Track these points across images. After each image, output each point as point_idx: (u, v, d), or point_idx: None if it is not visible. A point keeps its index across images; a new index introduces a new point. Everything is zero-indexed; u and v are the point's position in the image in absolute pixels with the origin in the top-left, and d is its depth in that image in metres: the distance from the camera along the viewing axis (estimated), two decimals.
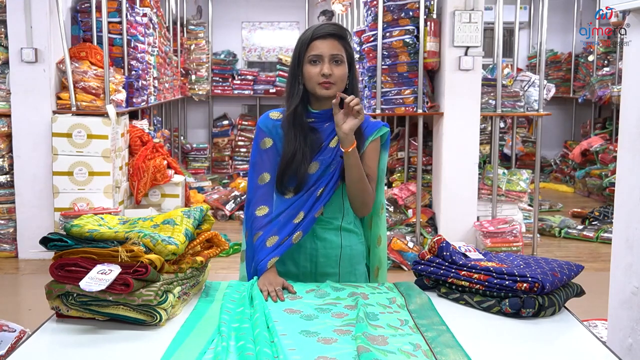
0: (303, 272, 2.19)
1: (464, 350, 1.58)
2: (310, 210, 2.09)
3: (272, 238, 2.09)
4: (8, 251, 5.61)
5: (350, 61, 2.12)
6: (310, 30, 2.10)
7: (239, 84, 10.59)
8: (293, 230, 2.09)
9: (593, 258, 5.80)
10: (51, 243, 1.78)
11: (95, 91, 5.50)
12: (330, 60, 2.07)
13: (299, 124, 2.11)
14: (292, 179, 2.11)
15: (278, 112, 2.20)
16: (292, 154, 2.09)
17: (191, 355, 1.54)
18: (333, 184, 2.11)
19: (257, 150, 2.18)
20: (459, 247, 2.05)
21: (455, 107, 5.60)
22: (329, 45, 2.07)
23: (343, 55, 2.08)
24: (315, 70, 2.07)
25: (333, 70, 2.06)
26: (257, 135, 2.19)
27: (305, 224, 2.10)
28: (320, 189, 2.10)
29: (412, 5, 5.53)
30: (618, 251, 2.74)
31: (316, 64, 2.07)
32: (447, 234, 4.50)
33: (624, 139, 2.71)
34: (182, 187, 6.15)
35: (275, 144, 2.16)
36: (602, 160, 8.53)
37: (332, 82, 2.07)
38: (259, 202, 2.13)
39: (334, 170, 2.11)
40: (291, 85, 2.13)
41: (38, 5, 5.31)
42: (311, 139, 2.12)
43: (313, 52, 2.07)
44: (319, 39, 2.07)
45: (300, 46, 2.10)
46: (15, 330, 3.05)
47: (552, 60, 10.23)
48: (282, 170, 2.12)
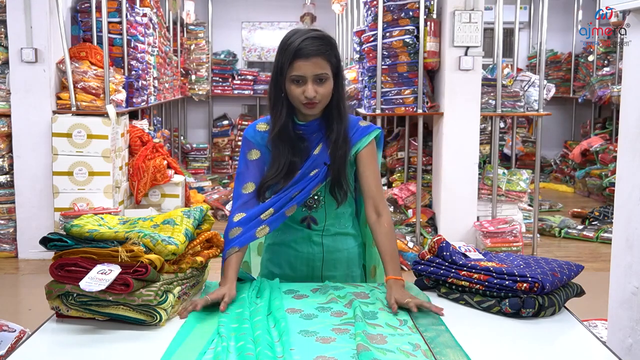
0: (300, 276, 2.18)
1: (463, 350, 1.58)
2: (280, 208, 2.05)
3: (235, 229, 2.04)
4: (8, 251, 5.61)
5: (337, 70, 2.04)
6: (293, 46, 1.96)
7: (239, 84, 10.60)
8: (258, 224, 2.04)
9: (593, 258, 5.80)
10: (51, 243, 1.78)
11: (95, 91, 5.50)
12: (314, 80, 1.98)
13: (286, 138, 2.06)
14: (272, 189, 2.08)
15: (265, 123, 2.14)
16: (281, 169, 2.06)
17: (191, 355, 1.54)
18: (311, 188, 2.07)
19: (244, 161, 2.13)
20: (459, 247, 2.05)
21: (455, 107, 5.60)
22: (312, 66, 1.96)
23: (327, 72, 2.00)
24: (298, 91, 1.99)
25: (317, 90, 1.98)
26: (244, 146, 2.15)
27: (272, 220, 2.04)
28: (295, 192, 2.06)
29: (412, 5, 5.54)
30: (618, 251, 2.74)
31: (299, 84, 1.99)
32: (447, 234, 4.50)
33: (624, 139, 2.71)
34: (182, 187, 6.15)
35: (262, 156, 2.12)
36: (602, 160, 8.53)
37: (316, 102, 2.00)
38: (240, 209, 2.08)
39: (315, 175, 2.07)
40: (275, 96, 2.06)
41: (38, 5, 5.31)
42: (300, 148, 2.08)
43: (295, 72, 1.97)
44: (302, 59, 1.96)
45: (282, 59, 2.00)
46: (15, 330, 3.05)
47: (552, 60, 10.23)
48: (266, 183, 2.08)
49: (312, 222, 2.16)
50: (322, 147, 2.08)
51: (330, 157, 2.07)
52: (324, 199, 2.13)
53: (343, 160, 2.07)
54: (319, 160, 2.07)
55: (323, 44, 1.99)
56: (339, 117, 2.07)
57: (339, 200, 2.11)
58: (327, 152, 2.08)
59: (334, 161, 2.06)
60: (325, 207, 2.14)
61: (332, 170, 2.07)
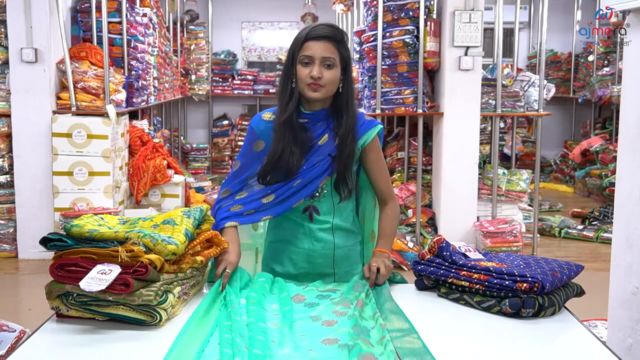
0: (301, 273, 2.20)
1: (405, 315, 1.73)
2: (281, 195, 2.11)
3: (236, 206, 2.13)
4: (8, 251, 5.61)
5: (346, 64, 2.10)
6: (306, 30, 2.08)
7: (239, 84, 10.60)
8: (259, 207, 2.12)
9: (593, 258, 5.80)
10: (51, 243, 1.78)
11: (95, 91, 5.50)
12: (322, 63, 2.05)
13: (289, 124, 2.10)
14: (276, 175, 2.12)
15: (270, 112, 2.19)
16: (279, 153, 2.09)
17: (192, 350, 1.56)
18: (311, 175, 2.11)
19: (249, 151, 2.19)
20: (459, 247, 2.05)
21: (455, 107, 5.60)
22: (322, 48, 2.04)
23: (335, 58, 2.06)
24: (306, 72, 2.05)
25: (323, 73, 2.04)
26: (250, 136, 2.20)
27: (276, 209, 2.12)
28: (297, 180, 2.11)
29: (412, 5, 5.54)
30: (618, 251, 2.74)
31: (307, 65, 2.06)
32: (447, 234, 4.49)
33: (624, 139, 2.71)
34: (182, 187, 6.15)
35: (266, 147, 2.16)
36: (602, 160, 8.53)
37: (321, 84, 2.05)
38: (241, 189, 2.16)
39: (320, 166, 2.11)
40: (284, 84, 2.12)
41: (38, 5, 5.30)
42: (302, 137, 2.11)
43: (305, 52, 2.05)
44: (313, 39, 2.05)
45: (294, 45, 2.09)
46: (15, 330, 3.05)
47: (552, 60, 10.23)
48: (267, 167, 2.12)
49: (315, 211, 2.17)
50: (327, 138, 2.12)
51: (337, 151, 2.11)
52: (327, 189, 2.16)
53: (351, 157, 2.12)
54: (325, 152, 2.11)
55: (335, 32, 2.08)
56: (347, 112, 2.12)
57: (342, 196, 2.15)
58: (333, 145, 2.11)
59: (341, 157, 2.10)
60: (328, 197, 2.17)
61: (339, 165, 2.11)
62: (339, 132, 2.11)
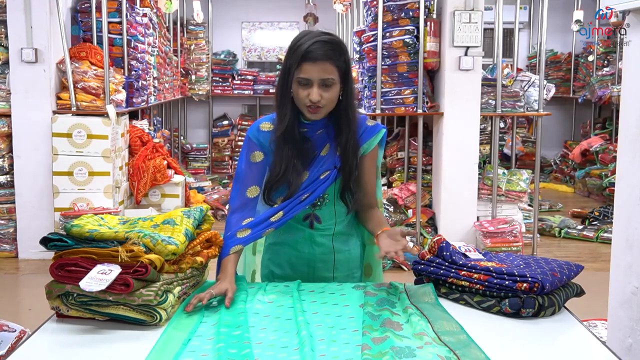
0: (300, 277, 2.17)
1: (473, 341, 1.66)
2: (290, 211, 2.06)
3: (244, 231, 2.06)
4: (8, 251, 5.61)
5: (345, 75, 2.01)
6: (302, 48, 1.96)
7: (239, 84, 10.59)
8: (267, 226, 2.06)
9: (593, 258, 5.80)
10: (51, 243, 1.78)
11: (95, 91, 5.50)
12: (320, 85, 1.96)
13: (290, 138, 2.04)
14: (280, 192, 2.07)
15: (269, 122, 2.12)
16: (282, 172, 2.04)
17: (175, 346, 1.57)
18: (321, 191, 2.07)
19: (247, 163, 2.11)
20: (459, 247, 2.05)
21: (455, 107, 5.60)
22: (319, 70, 1.94)
23: (334, 77, 1.97)
24: (304, 93, 1.97)
25: (322, 94, 1.97)
26: (247, 146, 2.12)
27: (281, 222, 2.07)
28: (305, 195, 2.06)
29: (412, 5, 5.54)
30: (618, 251, 2.74)
31: (305, 87, 1.97)
32: (447, 234, 4.49)
33: (624, 139, 2.71)
34: (182, 187, 6.16)
35: (266, 157, 2.10)
36: (602, 160, 8.53)
37: (320, 106, 1.99)
38: (246, 214, 2.08)
39: (325, 177, 2.07)
40: (281, 95, 2.04)
41: (38, 5, 5.31)
42: (304, 149, 2.07)
43: (302, 75, 1.96)
44: (309, 61, 1.94)
45: (290, 60, 1.99)
46: (15, 330, 3.05)
47: (552, 60, 10.24)
48: (270, 185, 2.07)
49: (316, 220, 2.15)
50: (330, 149, 2.08)
51: (341, 163, 2.07)
52: (328, 198, 2.13)
53: (354, 168, 2.08)
54: (329, 163, 2.07)
55: (332, 49, 1.97)
56: (347, 122, 2.05)
57: (349, 206, 2.12)
58: (336, 155, 2.08)
59: (345, 168, 2.07)
60: (329, 205, 2.14)
61: (344, 175, 2.07)
62: (340, 141, 2.06)
